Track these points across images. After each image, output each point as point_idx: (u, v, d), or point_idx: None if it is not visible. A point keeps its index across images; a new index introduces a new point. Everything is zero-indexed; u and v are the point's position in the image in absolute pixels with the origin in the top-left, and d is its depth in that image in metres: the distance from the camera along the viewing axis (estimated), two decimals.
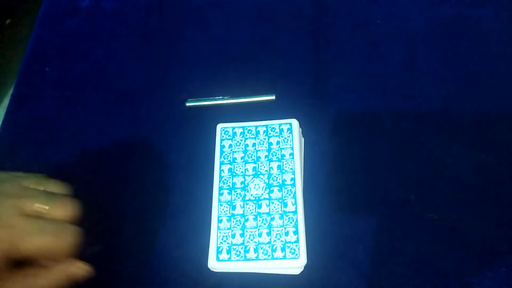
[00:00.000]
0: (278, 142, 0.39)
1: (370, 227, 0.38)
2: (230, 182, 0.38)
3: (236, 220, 0.36)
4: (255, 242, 0.35)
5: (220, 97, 0.45)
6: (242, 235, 0.36)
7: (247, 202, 0.37)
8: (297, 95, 0.45)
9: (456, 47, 0.46)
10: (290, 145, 0.39)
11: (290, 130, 0.40)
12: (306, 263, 0.35)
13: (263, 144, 0.39)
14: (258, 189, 0.37)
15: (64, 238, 0.30)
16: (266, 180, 0.38)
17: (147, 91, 0.47)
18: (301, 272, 0.36)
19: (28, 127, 0.46)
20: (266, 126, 0.40)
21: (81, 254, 0.31)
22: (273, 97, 0.45)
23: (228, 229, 0.36)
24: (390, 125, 0.43)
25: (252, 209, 0.37)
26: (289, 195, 0.37)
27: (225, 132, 0.41)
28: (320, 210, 0.39)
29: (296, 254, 0.34)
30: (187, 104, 0.45)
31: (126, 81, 0.48)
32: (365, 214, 0.39)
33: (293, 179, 0.37)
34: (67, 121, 0.46)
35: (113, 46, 0.50)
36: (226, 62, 0.48)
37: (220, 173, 0.39)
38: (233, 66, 0.48)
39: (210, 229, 0.36)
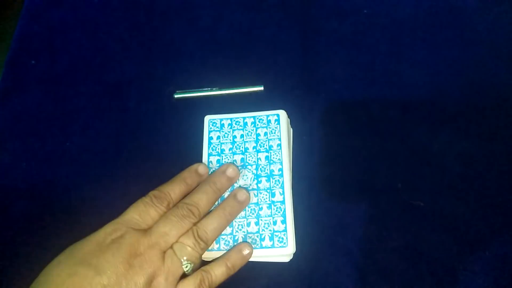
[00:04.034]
0: (266, 133, 0.39)
1: (358, 215, 0.39)
2: None
3: None
4: (243, 231, 0.36)
5: (209, 89, 0.45)
6: (231, 225, 0.36)
7: None
8: (286, 85, 0.45)
9: (442, 36, 0.46)
10: (278, 136, 0.39)
11: (277, 121, 0.40)
12: (294, 251, 0.35)
13: (251, 135, 0.40)
14: (247, 180, 0.38)
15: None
16: (254, 171, 0.38)
17: (135, 83, 0.46)
18: (291, 260, 0.36)
19: (14, 121, 0.45)
20: (254, 117, 0.40)
21: None
22: (262, 88, 0.45)
23: None
24: (377, 114, 0.43)
25: None
26: (277, 185, 0.37)
27: (213, 124, 0.41)
28: (309, 199, 0.39)
29: (284, 243, 0.35)
30: (176, 96, 0.45)
31: (113, 73, 0.47)
32: (354, 202, 0.39)
33: (280, 169, 0.38)
34: (54, 114, 0.45)
35: (100, 38, 0.49)
36: (214, 53, 0.48)
37: (208, 164, 0.39)
38: (221, 57, 0.47)
39: None
